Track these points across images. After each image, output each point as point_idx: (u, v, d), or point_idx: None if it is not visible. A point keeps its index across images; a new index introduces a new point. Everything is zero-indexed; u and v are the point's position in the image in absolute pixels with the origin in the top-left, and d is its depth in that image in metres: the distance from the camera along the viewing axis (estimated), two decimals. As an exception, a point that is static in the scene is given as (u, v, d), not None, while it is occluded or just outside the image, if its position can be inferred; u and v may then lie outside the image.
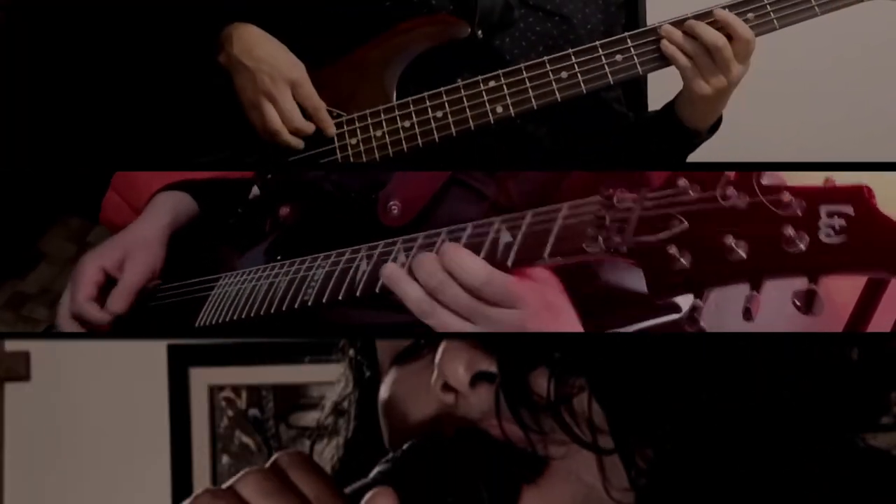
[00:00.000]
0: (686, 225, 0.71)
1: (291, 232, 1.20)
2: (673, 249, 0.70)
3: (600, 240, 0.76)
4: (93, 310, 1.22)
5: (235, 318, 1.10)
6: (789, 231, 0.66)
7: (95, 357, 1.84)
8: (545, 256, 0.80)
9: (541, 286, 0.82)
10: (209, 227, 1.31)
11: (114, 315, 1.21)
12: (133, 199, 1.34)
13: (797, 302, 0.66)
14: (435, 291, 0.82)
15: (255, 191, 1.33)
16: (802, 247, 0.66)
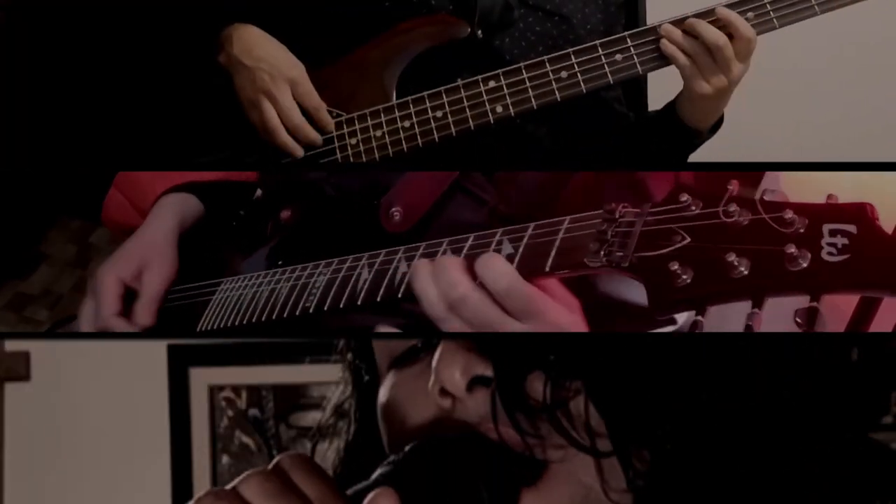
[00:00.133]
0: (688, 240, 0.71)
1: (292, 236, 1.19)
2: (675, 266, 0.70)
3: (602, 254, 0.76)
4: (121, 324, 1.20)
5: (237, 324, 1.10)
6: (791, 249, 0.66)
7: (95, 357, 1.84)
8: (547, 269, 0.80)
9: (561, 306, 0.80)
10: (213, 230, 1.31)
11: (142, 328, 1.20)
12: (136, 199, 1.34)
13: (799, 319, 0.66)
14: (455, 304, 0.80)
15: (259, 193, 1.33)
16: (804, 265, 0.66)
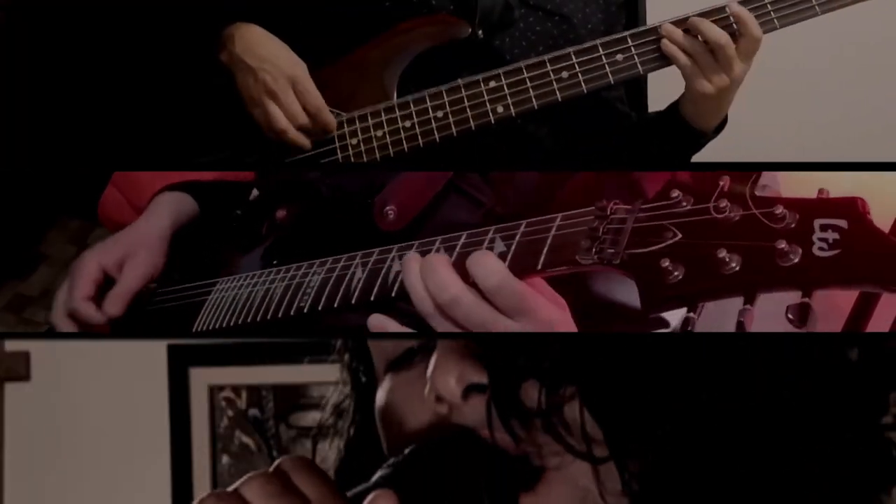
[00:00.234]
0: (679, 237, 0.71)
1: (288, 235, 1.19)
2: (666, 262, 0.70)
3: (593, 251, 0.76)
4: (89, 309, 1.20)
5: (232, 324, 1.10)
6: (782, 244, 0.66)
7: (95, 357, 1.83)
8: (538, 267, 0.80)
9: (551, 303, 0.80)
10: (209, 229, 1.31)
11: (109, 317, 1.21)
12: (133, 197, 1.34)
13: (791, 316, 0.66)
14: (447, 306, 0.79)
15: (255, 192, 1.33)
16: (795, 260, 0.66)
